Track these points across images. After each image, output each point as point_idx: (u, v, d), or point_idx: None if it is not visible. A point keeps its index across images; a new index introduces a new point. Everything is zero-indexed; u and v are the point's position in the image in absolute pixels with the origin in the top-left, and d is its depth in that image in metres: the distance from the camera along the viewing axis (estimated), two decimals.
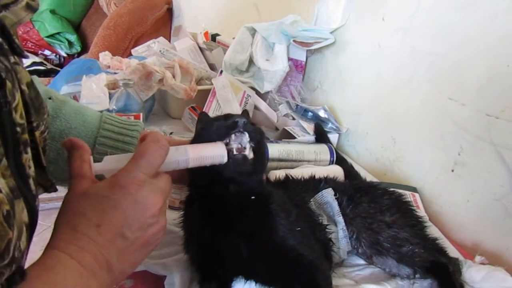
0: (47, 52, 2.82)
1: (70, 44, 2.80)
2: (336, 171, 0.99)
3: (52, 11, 2.73)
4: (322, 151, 1.08)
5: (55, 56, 2.87)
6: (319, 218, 0.72)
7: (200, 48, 1.68)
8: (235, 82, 1.33)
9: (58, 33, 2.74)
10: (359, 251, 0.73)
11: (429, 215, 0.90)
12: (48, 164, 0.48)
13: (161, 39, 1.73)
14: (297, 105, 1.28)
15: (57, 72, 1.69)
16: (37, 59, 2.68)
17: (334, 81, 1.33)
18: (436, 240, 0.74)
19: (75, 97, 1.22)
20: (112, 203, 0.42)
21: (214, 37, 1.66)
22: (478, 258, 0.76)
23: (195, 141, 0.63)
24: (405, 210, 0.77)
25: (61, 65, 2.70)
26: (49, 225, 0.71)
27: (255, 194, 0.61)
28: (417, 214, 0.78)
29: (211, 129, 0.59)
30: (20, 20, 0.39)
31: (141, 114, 1.07)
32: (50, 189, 0.48)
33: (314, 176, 0.83)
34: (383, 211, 0.74)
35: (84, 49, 2.81)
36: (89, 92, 1.17)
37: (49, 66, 2.70)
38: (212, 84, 1.32)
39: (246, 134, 0.57)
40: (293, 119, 1.23)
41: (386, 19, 1.10)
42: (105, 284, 0.41)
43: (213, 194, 0.61)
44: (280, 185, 0.79)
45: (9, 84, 0.36)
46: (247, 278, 0.63)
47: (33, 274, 0.35)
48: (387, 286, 0.68)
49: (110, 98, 1.16)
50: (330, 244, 0.70)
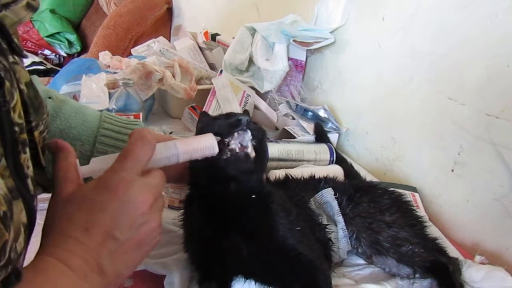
0: (47, 51, 2.81)
1: (70, 43, 2.80)
2: (336, 171, 0.99)
3: (52, 11, 2.72)
4: (322, 150, 1.08)
5: (55, 55, 2.87)
6: (319, 217, 0.72)
7: (200, 48, 1.68)
8: (235, 82, 1.33)
9: (58, 33, 2.73)
10: (359, 250, 0.73)
11: (429, 215, 0.90)
12: (47, 163, 0.47)
13: (161, 38, 1.72)
14: (297, 105, 1.28)
15: (56, 72, 1.69)
16: (36, 59, 2.67)
17: (334, 81, 1.33)
18: (436, 240, 0.74)
19: (75, 97, 1.22)
20: (99, 205, 0.42)
21: (214, 37, 1.65)
22: (478, 258, 0.76)
23: None
24: (405, 210, 0.77)
25: (61, 65, 2.70)
26: None
27: (255, 193, 0.61)
28: (417, 214, 0.78)
29: (213, 127, 0.58)
30: (21, 19, 0.39)
31: (141, 114, 1.07)
32: (49, 189, 0.48)
33: (314, 176, 0.83)
34: (383, 211, 0.74)
35: (84, 48, 2.81)
36: (89, 92, 1.17)
37: (49, 65, 2.70)
38: (212, 83, 1.32)
39: (248, 132, 0.57)
40: (293, 118, 1.23)
41: (386, 19, 1.10)
42: (97, 286, 0.41)
43: (213, 193, 0.61)
44: (280, 184, 0.79)
45: (7, 83, 0.35)
46: (246, 277, 0.63)
47: (24, 279, 0.35)
48: (387, 285, 0.68)
49: (110, 97, 1.16)
50: (330, 244, 0.70)
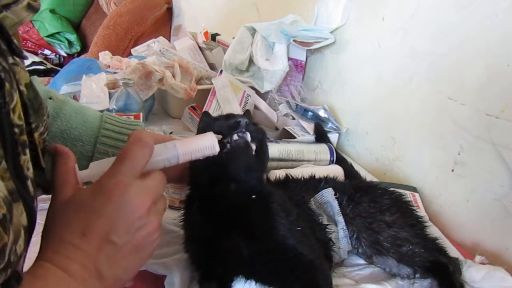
0: (47, 51, 2.81)
1: (70, 43, 2.79)
2: (336, 171, 0.99)
3: (52, 11, 2.72)
4: (322, 150, 1.08)
5: (55, 55, 2.86)
6: (319, 217, 0.72)
7: (200, 48, 1.68)
8: (235, 82, 1.33)
9: (58, 33, 2.73)
10: (359, 250, 0.73)
11: (429, 215, 0.90)
12: (48, 164, 0.47)
13: (161, 38, 1.72)
14: (297, 105, 1.28)
15: (57, 72, 1.68)
16: (36, 59, 2.67)
17: (334, 81, 1.33)
18: (436, 240, 0.74)
19: (75, 97, 1.22)
20: (95, 211, 0.42)
21: (214, 37, 1.65)
22: (478, 258, 0.76)
23: None
24: (405, 210, 0.77)
25: (61, 65, 2.69)
26: None
27: (255, 193, 0.61)
28: (417, 213, 0.78)
29: (213, 129, 0.58)
30: (21, 20, 0.39)
31: (141, 114, 1.07)
32: (49, 190, 0.48)
33: (314, 176, 0.83)
34: (383, 211, 0.74)
35: (84, 48, 2.80)
36: (89, 92, 1.17)
37: (49, 65, 2.69)
38: (212, 83, 1.32)
39: (248, 134, 0.57)
40: (293, 118, 1.23)
41: (386, 19, 1.10)
42: None
43: (214, 194, 0.61)
44: (280, 184, 0.79)
45: (7, 85, 0.35)
46: (247, 278, 0.63)
47: (23, 284, 0.35)
48: (387, 285, 0.68)
49: (110, 97, 1.16)
50: (330, 244, 0.70)
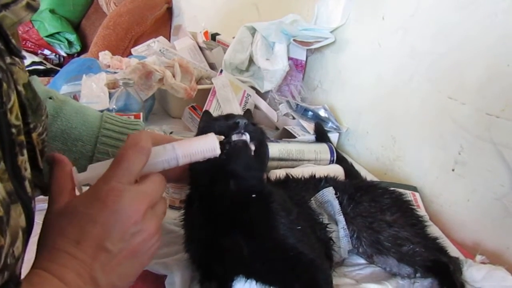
0: (46, 51, 2.81)
1: (70, 43, 2.79)
2: (337, 171, 0.99)
3: (52, 11, 2.72)
4: (323, 150, 1.08)
5: (55, 55, 2.87)
6: (320, 217, 0.72)
7: (200, 48, 1.68)
8: (235, 82, 1.33)
9: (57, 33, 2.73)
10: (360, 250, 0.73)
11: (430, 214, 0.90)
12: (45, 170, 0.47)
13: (161, 38, 1.72)
14: (297, 105, 1.28)
15: (56, 72, 1.68)
16: (36, 59, 2.67)
17: (334, 81, 1.33)
18: (436, 239, 0.74)
19: (75, 97, 1.22)
20: (89, 218, 0.42)
21: (214, 37, 1.65)
22: (478, 257, 0.76)
23: None
24: (405, 209, 0.77)
25: (61, 65, 2.69)
26: None
27: (255, 193, 0.61)
28: (417, 213, 0.78)
29: (213, 130, 0.58)
30: (20, 19, 0.38)
31: (141, 114, 1.07)
32: (47, 191, 0.47)
33: (315, 175, 0.83)
34: (383, 210, 0.74)
35: (84, 48, 2.80)
36: (89, 92, 1.17)
37: (49, 65, 2.70)
38: (212, 83, 1.32)
39: (247, 135, 0.57)
40: (293, 118, 1.23)
41: (386, 18, 1.10)
42: None
43: (214, 193, 0.61)
44: (281, 184, 0.79)
45: (4, 85, 0.35)
46: (247, 277, 0.63)
47: None
48: (388, 285, 0.68)
49: (110, 97, 1.16)
50: (331, 243, 0.70)
